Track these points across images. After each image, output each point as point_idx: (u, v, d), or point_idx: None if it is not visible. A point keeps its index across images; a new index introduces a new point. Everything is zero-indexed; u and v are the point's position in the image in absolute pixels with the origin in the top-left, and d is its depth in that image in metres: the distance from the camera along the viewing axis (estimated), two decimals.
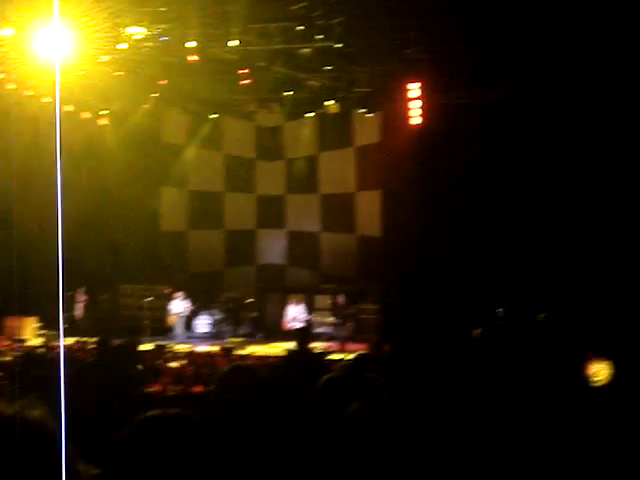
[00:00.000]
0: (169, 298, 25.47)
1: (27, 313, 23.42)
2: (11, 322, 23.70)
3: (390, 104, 22.73)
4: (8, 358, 14.93)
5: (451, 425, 3.51)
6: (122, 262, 26.02)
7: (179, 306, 24.21)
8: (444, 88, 21.13)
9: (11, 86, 21.07)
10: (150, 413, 2.22)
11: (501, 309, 19.13)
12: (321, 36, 19.00)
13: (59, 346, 18.61)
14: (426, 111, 21.22)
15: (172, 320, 24.24)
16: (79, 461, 1.81)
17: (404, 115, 21.58)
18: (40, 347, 18.35)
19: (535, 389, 4.70)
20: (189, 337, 23.77)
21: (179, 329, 24.04)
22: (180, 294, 24.35)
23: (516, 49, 18.60)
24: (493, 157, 21.18)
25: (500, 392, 3.79)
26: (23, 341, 21.89)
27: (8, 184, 22.99)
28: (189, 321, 24.56)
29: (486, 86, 20.78)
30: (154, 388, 11.07)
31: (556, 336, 9.77)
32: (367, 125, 25.23)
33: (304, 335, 11.57)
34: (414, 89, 21.15)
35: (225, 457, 2.31)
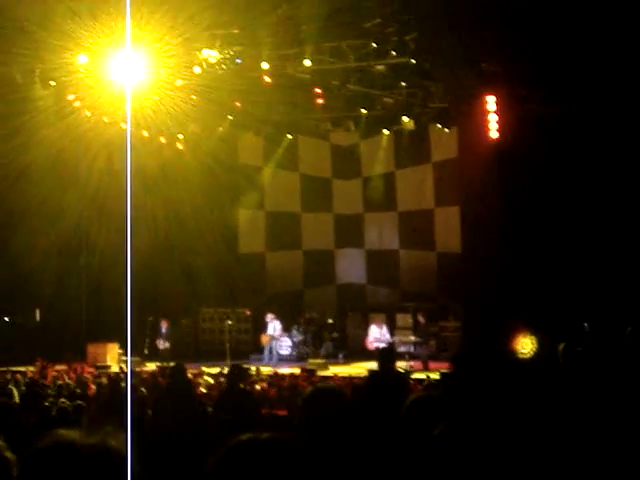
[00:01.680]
0: (249, 320, 25.55)
1: (109, 339, 23.66)
2: (94, 348, 23.99)
3: (466, 119, 22.55)
4: (91, 385, 15.12)
5: (540, 443, 3.43)
6: (201, 286, 26.22)
7: (271, 327, 24.15)
8: (520, 101, 20.84)
9: (86, 112, 21.44)
10: (243, 437, 2.17)
11: (587, 323, 18.78)
12: (395, 52, 18.91)
13: (141, 372, 18.81)
14: (503, 125, 20.96)
15: (264, 341, 24.20)
16: None
17: (481, 129, 21.35)
18: (122, 373, 18.57)
19: (624, 405, 4.53)
20: (270, 359, 23.69)
21: (268, 351, 24.00)
22: (271, 315, 24.30)
23: (593, 62, 18.24)
24: (571, 170, 20.80)
25: (588, 409, 3.73)
26: (106, 367, 22.18)
27: (82, 211, 23.46)
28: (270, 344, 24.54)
29: (563, 99, 20.42)
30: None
31: None
32: (444, 140, 25.03)
33: (387, 355, 11.37)
34: (490, 103, 20.89)
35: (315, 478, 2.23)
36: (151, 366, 21.45)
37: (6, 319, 24.93)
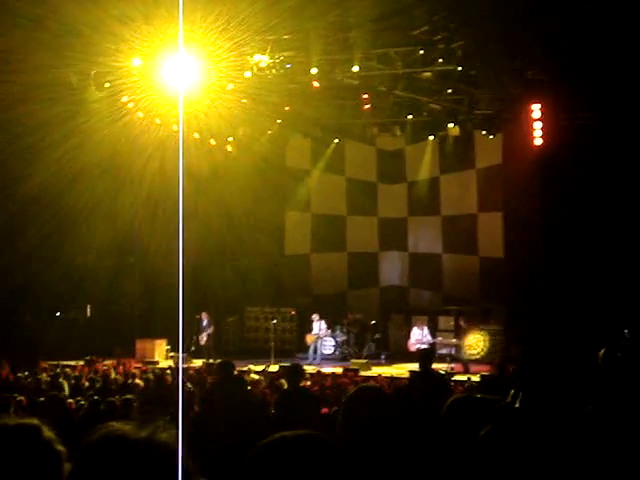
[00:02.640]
0: (293, 320, 25.90)
1: (158, 336, 24.23)
2: (142, 344, 24.48)
3: (511, 126, 22.70)
4: (139, 380, 15.42)
5: (581, 448, 3.37)
6: (248, 285, 26.61)
7: (317, 327, 24.51)
8: (566, 109, 20.95)
9: (139, 114, 21.71)
10: (281, 434, 2.19)
11: (627, 330, 18.84)
12: (442, 60, 19.16)
13: (188, 368, 19.18)
14: (547, 132, 21.07)
15: (309, 340, 24.58)
16: None
17: (525, 136, 21.47)
18: (169, 369, 18.96)
19: None
20: (314, 358, 24.00)
21: (312, 350, 24.32)
22: (316, 316, 24.64)
23: (638, 70, 18.34)
24: (614, 178, 20.88)
25: (630, 414, 3.58)
26: (154, 363, 22.59)
27: (136, 211, 23.87)
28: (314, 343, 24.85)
29: (607, 107, 20.50)
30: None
31: None
32: (488, 147, 25.20)
33: (426, 357, 11.67)
34: (535, 110, 21.05)
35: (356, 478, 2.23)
36: (197, 363, 21.90)
37: (57, 314, 25.45)
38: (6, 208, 21.16)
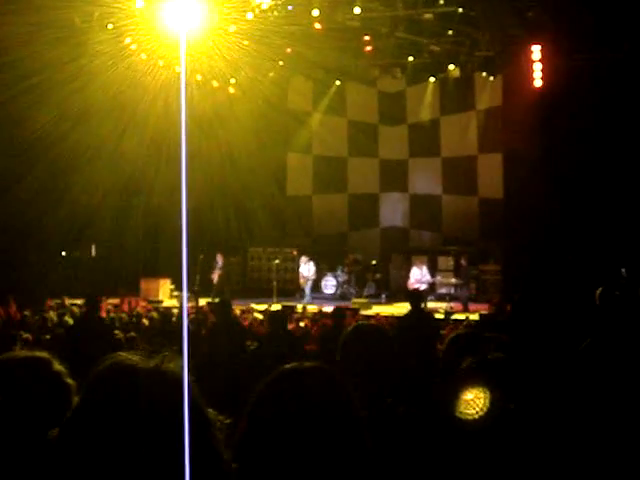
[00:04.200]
0: (295, 260, 26.16)
1: (162, 275, 24.55)
2: (147, 284, 24.80)
3: (511, 67, 22.74)
4: (144, 320, 15.67)
5: (574, 385, 3.40)
6: (250, 226, 26.84)
7: (305, 269, 24.69)
8: (566, 50, 20.98)
9: (142, 56, 21.67)
10: (287, 366, 2.23)
11: (624, 269, 19.11)
12: (443, 1, 19.21)
13: (192, 307, 19.45)
14: (547, 73, 21.15)
15: (300, 282, 24.83)
16: (211, 411, 1.91)
17: (525, 78, 21.57)
18: (174, 308, 19.26)
19: None
20: (315, 298, 24.22)
21: (306, 291, 24.52)
22: (305, 258, 24.80)
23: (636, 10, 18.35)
24: (614, 119, 20.96)
25: (624, 352, 3.56)
26: (158, 302, 22.90)
27: (140, 152, 23.96)
28: (315, 283, 25.14)
29: (608, 47, 20.53)
30: None
31: None
32: (489, 88, 25.30)
33: (417, 298, 12.14)
34: (535, 52, 21.11)
35: (360, 409, 2.17)
36: (201, 302, 22.21)
37: (62, 254, 25.69)
38: (11, 149, 21.25)
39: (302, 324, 16.43)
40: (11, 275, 20.22)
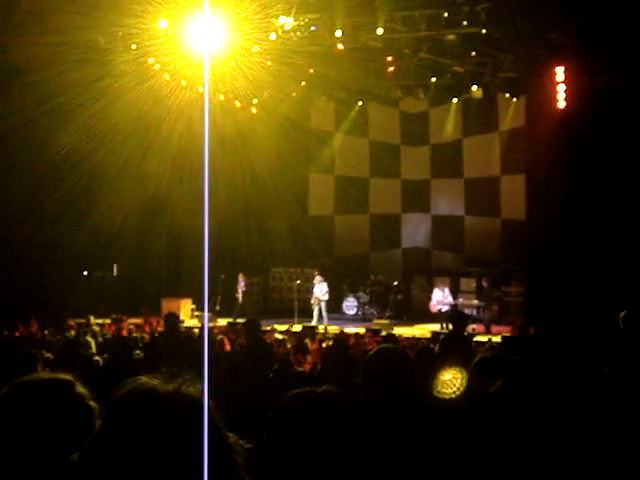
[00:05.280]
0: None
1: (183, 295, 24.51)
2: (168, 303, 24.74)
3: (534, 88, 22.66)
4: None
5: (596, 408, 3.35)
6: (272, 246, 26.84)
7: (317, 289, 24.27)
8: (589, 72, 20.91)
9: (165, 76, 21.73)
10: (298, 390, 2.23)
11: None
12: (466, 22, 19.19)
13: (212, 327, 19.42)
14: (570, 95, 21.08)
15: (311, 302, 24.50)
16: (231, 435, 1.90)
17: (548, 99, 21.51)
18: (194, 328, 19.22)
19: None
20: (336, 319, 24.16)
21: (316, 312, 24.13)
22: (319, 277, 24.34)
23: None
24: (637, 140, 20.84)
25: None
26: (180, 322, 22.86)
27: (163, 172, 24.06)
28: (337, 303, 25.03)
29: (630, 70, 20.43)
30: (304, 367, 11.48)
31: None
32: (511, 109, 25.26)
33: (461, 319, 11.90)
34: (559, 73, 21.05)
35: (380, 432, 2.17)
36: (222, 322, 22.19)
37: (85, 274, 25.80)
38: (35, 169, 21.39)
39: (324, 345, 16.33)
40: (34, 295, 20.29)
